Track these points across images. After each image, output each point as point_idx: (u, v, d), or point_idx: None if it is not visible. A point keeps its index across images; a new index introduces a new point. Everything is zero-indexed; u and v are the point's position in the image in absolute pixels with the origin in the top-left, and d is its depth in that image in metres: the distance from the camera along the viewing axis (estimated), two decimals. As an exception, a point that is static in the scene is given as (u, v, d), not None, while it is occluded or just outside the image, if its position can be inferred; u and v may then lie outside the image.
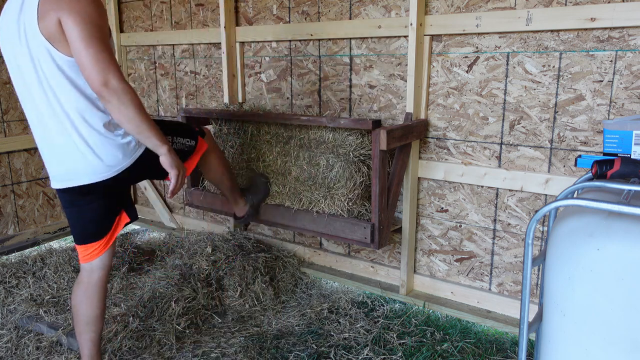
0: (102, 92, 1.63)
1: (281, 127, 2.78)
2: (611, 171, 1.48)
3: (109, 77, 1.62)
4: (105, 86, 1.61)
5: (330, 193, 2.59)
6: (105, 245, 1.99)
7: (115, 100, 1.64)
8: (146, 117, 1.72)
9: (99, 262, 1.99)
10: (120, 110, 1.66)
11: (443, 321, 2.59)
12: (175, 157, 1.82)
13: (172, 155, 1.80)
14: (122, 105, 1.65)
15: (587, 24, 2.12)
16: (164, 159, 1.79)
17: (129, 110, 1.67)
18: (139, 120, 1.69)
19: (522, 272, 1.44)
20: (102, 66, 1.61)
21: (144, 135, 1.73)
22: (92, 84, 1.63)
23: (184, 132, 2.17)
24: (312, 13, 2.94)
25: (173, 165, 1.81)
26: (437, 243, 2.76)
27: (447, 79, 2.56)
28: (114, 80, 1.62)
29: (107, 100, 1.64)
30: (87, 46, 1.60)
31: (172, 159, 1.80)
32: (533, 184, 2.37)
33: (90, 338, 2.03)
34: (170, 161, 1.80)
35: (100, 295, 2.02)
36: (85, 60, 1.60)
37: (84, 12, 1.61)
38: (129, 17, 3.90)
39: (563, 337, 1.35)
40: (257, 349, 2.38)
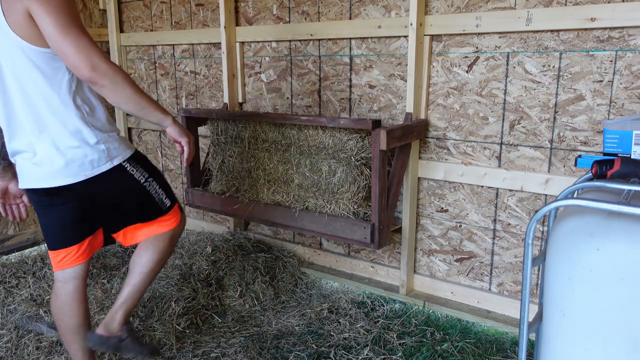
0: (93, 77, 1.57)
1: (279, 134, 2.78)
2: (611, 171, 1.48)
3: (95, 60, 1.56)
4: (94, 70, 1.56)
5: (335, 198, 2.60)
6: (79, 257, 1.88)
7: (108, 82, 1.59)
8: (143, 93, 1.69)
9: (72, 272, 1.89)
10: (116, 91, 1.62)
11: (443, 321, 2.59)
12: (181, 126, 1.82)
13: (177, 125, 1.80)
14: (117, 86, 1.61)
15: (587, 24, 2.12)
16: (171, 129, 1.79)
17: (125, 89, 1.63)
18: (138, 97, 1.66)
19: (522, 272, 1.44)
20: (85, 52, 1.55)
21: (146, 110, 1.71)
22: (79, 71, 1.57)
23: (165, 186, 1.99)
24: (312, 13, 2.94)
25: (182, 134, 1.81)
26: (437, 243, 2.76)
27: (447, 79, 2.56)
28: (101, 62, 1.57)
29: (100, 84, 1.59)
30: (65, 35, 1.54)
31: (179, 129, 1.80)
32: (533, 184, 2.37)
33: (80, 347, 1.97)
34: (178, 130, 1.80)
35: (79, 304, 1.93)
36: (67, 50, 1.55)
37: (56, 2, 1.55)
38: (129, 17, 3.90)
39: (563, 337, 1.35)
40: (257, 349, 2.38)
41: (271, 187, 2.86)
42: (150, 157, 3.97)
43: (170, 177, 3.94)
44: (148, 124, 3.92)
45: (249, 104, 3.36)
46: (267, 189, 2.87)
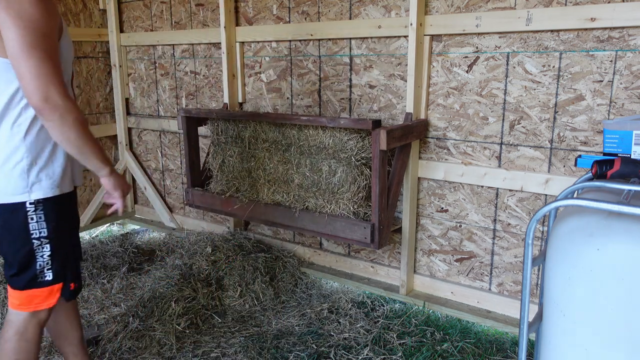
0: (42, 109, 1.44)
1: (279, 134, 2.78)
2: (611, 171, 1.49)
3: (51, 92, 1.43)
4: (46, 102, 1.43)
5: (335, 198, 2.60)
6: None
7: (57, 119, 1.46)
8: (89, 139, 1.54)
9: None
10: (62, 131, 1.48)
11: (443, 321, 2.59)
12: (117, 177, 1.68)
13: (114, 177, 1.66)
14: (65, 127, 1.47)
15: (587, 24, 2.12)
16: (105, 180, 1.66)
17: (71, 132, 1.49)
18: (81, 143, 1.52)
19: (522, 272, 1.44)
20: (43, 80, 1.42)
21: (85, 156, 1.57)
22: (30, 98, 1.44)
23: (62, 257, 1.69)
24: (312, 13, 2.94)
25: (116, 186, 1.68)
26: (437, 243, 2.76)
27: (447, 79, 2.56)
28: (57, 96, 1.43)
29: (48, 119, 1.46)
30: (28, 56, 1.40)
31: (114, 181, 1.67)
32: (533, 184, 2.37)
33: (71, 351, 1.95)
34: (112, 183, 1.66)
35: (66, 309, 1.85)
36: (24, 72, 1.41)
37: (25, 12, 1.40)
38: (129, 17, 3.90)
39: (563, 337, 1.35)
40: (257, 349, 2.38)
41: (271, 187, 2.86)
42: (150, 157, 3.97)
43: (171, 177, 3.94)
44: (148, 124, 3.92)
45: (249, 104, 3.36)
46: (267, 189, 2.87)
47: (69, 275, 1.74)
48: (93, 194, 4.00)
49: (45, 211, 1.62)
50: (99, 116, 4.03)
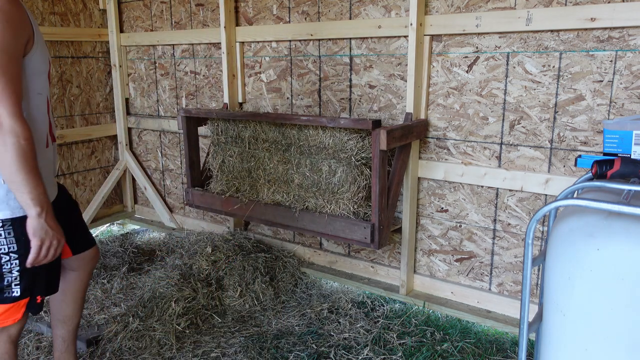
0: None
1: (279, 134, 2.78)
2: (611, 171, 1.48)
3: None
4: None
5: (335, 198, 2.60)
6: None
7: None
8: (26, 168, 1.42)
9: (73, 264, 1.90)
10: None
11: (443, 321, 2.59)
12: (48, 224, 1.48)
13: (41, 220, 1.47)
14: (2, 147, 1.39)
15: (587, 24, 2.12)
16: (30, 222, 1.47)
17: (7, 153, 1.39)
18: (14, 169, 1.41)
19: (522, 272, 1.44)
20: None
21: (15, 187, 1.44)
22: None
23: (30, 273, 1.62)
24: (312, 13, 2.94)
25: (37, 233, 1.48)
26: (437, 243, 2.76)
27: (447, 79, 2.56)
28: (5, 115, 1.37)
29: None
30: None
31: (39, 226, 1.47)
32: (533, 184, 2.37)
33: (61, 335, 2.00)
34: (35, 227, 1.47)
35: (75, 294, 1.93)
36: None
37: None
38: (129, 17, 3.90)
39: (563, 337, 1.35)
40: (257, 349, 2.38)
41: (271, 187, 2.86)
42: (150, 157, 3.97)
43: (171, 177, 3.94)
44: (148, 124, 3.92)
45: (249, 104, 3.36)
46: (267, 188, 2.87)
47: (37, 290, 1.67)
48: (93, 193, 4.00)
49: (14, 229, 1.55)
50: (99, 116, 4.03)
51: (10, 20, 1.40)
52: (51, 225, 1.50)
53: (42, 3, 3.55)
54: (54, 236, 1.51)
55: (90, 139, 3.96)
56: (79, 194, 3.93)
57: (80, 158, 3.92)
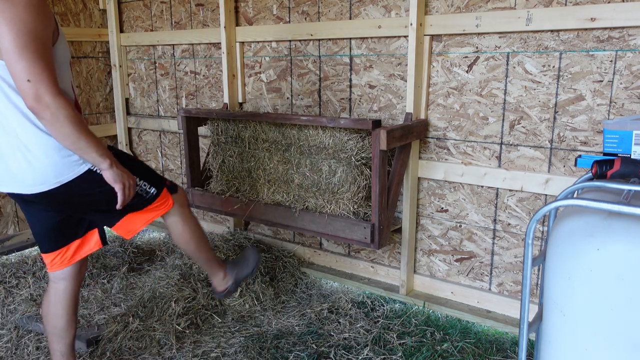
0: (35, 107, 1.51)
1: (279, 134, 2.78)
2: (611, 171, 1.49)
3: (42, 91, 1.49)
4: (37, 101, 1.49)
5: (335, 198, 2.60)
6: (67, 261, 1.92)
7: (49, 117, 1.52)
8: (84, 133, 1.59)
9: (62, 274, 1.94)
10: (55, 126, 1.54)
11: (443, 321, 2.59)
12: (119, 169, 1.71)
13: (114, 168, 1.69)
14: (57, 123, 1.53)
15: (587, 24, 2.12)
16: (107, 174, 1.69)
17: (64, 127, 1.54)
18: (75, 137, 1.57)
19: (522, 272, 1.44)
20: (35, 80, 1.48)
21: (82, 151, 1.62)
22: (24, 98, 1.51)
23: (146, 176, 1.94)
24: (312, 13, 2.94)
25: (117, 179, 1.70)
26: (437, 243, 2.76)
27: (447, 79, 2.56)
28: (47, 95, 1.50)
29: (40, 116, 1.53)
30: (19, 57, 1.47)
31: (115, 173, 1.69)
32: (533, 184, 2.37)
33: (59, 349, 2.01)
34: (113, 175, 1.69)
35: (66, 306, 1.96)
36: (17, 73, 1.49)
37: (17, 17, 1.47)
38: (129, 17, 3.90)
39: (563, 337, 1.35)
40: (257, 349, 2.38)
41: (271, 187, 2.86)
42: (150, 156, 3.97)
43: (171, 177, 3.94)
44: (148, 124, 3.92)
45: (249, 104, 3.36)
46: (268, 189, 2.87)
47: (160, 179, 1.99)
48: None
49: None
50: (99, 116, 4.03)
51: (41, 12, 1.53)
52: (122, 169, 1.73)
53: (42, 3, 3.54)
54: (128, 177, 1.75)
55: (90, 139, 3.96)
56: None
57: (80, 158, 3.92)
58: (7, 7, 1.47)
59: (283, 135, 2.76)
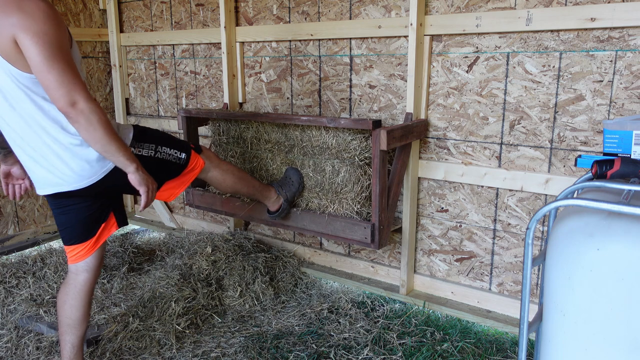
0: (69, 112, 1.60)
1: (282, 135, 2.78)
2: (611, 171, 1.49)
3: (76, 97, 1.59)
4: (72, 107, 1.59)
5: (338, 198, 2.60)
6: (91, 248, 2.00)
7: (83, 121, 1.62)
8: (114, 137, 1.70)
9: (85, 265, 2.00)
10: (88, 131, 1.64)
11: (443, 321, 2.59)
12: (144, 174, 1.81)
13: (139, 172, 1.79)
14: (91, 127, 1.63)
15: (587, 24, 2.12)
16: (132, 177, 1.78)
17: (97, 131, 1.65)
18: (106, 141, 1.68)
19: (522, 272, 1.44)
20: (68, 87, 1.58)
21: (111, 154, 1.72)
22: (58, 105, 1.60)
23: (173, 144, 2.11)
24: (312, 13, 2.94)
25: (142, 182, 1.80)
26: (437, 243, 2.76)
27: (447, 79, 2.56)
28: (82, 101, 1.60)
29: (75, 120, 1.62)
30: (50, 68, 1.56)
31: (140, 177, 1.79)
32: (533, 184, 2.38)
33: (70, 340, 2.03)
34: (138, 179, 1.79)
35: (84, 297, 2.02)
36: (49, 83, 1.57)
37: (40, 30, 1.55)
38: (129, 17, 3.90)
39: (563, 337, 1.35)
40: (257, 349, 2.38)
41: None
42: (150, 157, 3.97)
43: (170, 177, 3.94)
44: (148, 124, 3.92)
45: (249, 104, 3.36)
46: (269, 189, 2.87)
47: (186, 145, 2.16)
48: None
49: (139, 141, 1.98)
50: (99, 116, 4.03)
51: (58, 21, 1.62)
52: (146, 173, 1.83)
53: (42, 3, 3.54)
54: (151, 181, 1.85)
55: (91, 139, 3.96)
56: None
57: (81, 158, 3.92)
58: (29, 22, 1.55)
59: (286, 136, 2.76)
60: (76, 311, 2.01)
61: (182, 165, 2.13)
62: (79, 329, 2.03)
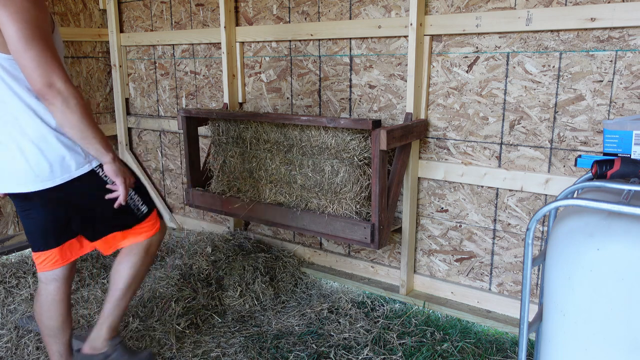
0: (46, 93, 1.53)
1: (281, 135, 2.78)
2: (611, 171, 1.49)
3: (54, 79, 1.53)
4: (49, 87, 1.52)
5: (337, 198, 2.60)
6: (58, 261, 1.90)
7: (60, 103, 1.55)
8: (91, 123, 1.63)
9: (52, 274, 1.91)
10: (64, 114, 1.57)
11: (443, 321, 2.59)
12: (120, 165, 1.74)
13: (116, 163, 1.72)
14: (68, 109, 1.56)
15: (587, 24, 2.12)
16: (108, 167, 1.72)
17: (74, 115, 1.58)
18: (83, 126, 1.60)
19: (522, 272, 1.44)
20: (45, 68, 1.51)
21: (87, 141, 1.65)
22: (34, 85, 1.53)
23: (141, 192, 1.95)
24: (312, 13, 2.94)
25: (118, 173, 1.73)
26: (437, 243, 2.76)
27: (447, 79, 2.56)
28: (59, 82, 1.53)
29: (51, 102, 1.55)
30: (28, 47, 1.49)
31: (116, 167, 1.72)
32: (533, 184, 2.38)
33: (57, 350, 1.99)
34: (114, 169, 1.72)
35: (59, 306, 1.94)
36: (26, 62, 1.51)
37: (20, 8, 1.49)
38: (129, 17, 3.90)
39: (563, 337, 1.35)
40: (257, 349, 2.38)
41: (273, 188, 2.85)
42: (150, 157, 3.97)
43: (171, 177, 3.94)
44: (148, 124, 3.92)
45: (249, 104, 3.36)
46: (270, 189, 2.87)
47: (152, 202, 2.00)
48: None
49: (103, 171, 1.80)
50: (99, 116, 4.03)
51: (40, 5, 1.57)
52: (122, 163, 1.77)
53: (42, 3, 3.54)
54: (127, 172, 1.79)
55: (90, 139, 3.96)
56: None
57: (80, 158, 3.92)
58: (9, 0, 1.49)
59: (285, 136, 2.76)
60: (54, 321, 1.94)
61: (138, 219, 1.93)
62: (62, 336, 1.97)
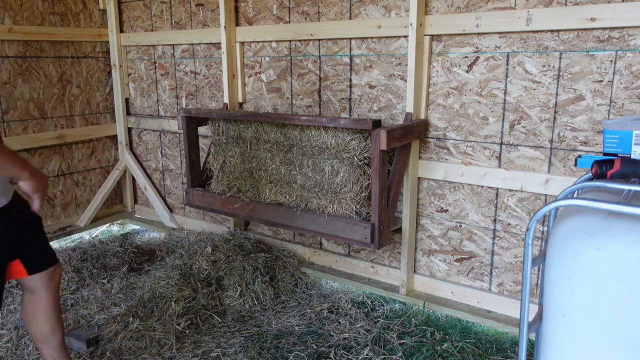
0: None
1: (281, 135, 2.78)
2: (611, 171, 1.49)
3: None
4: None
5: (337, 198, 2.60)
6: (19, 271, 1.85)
7: None
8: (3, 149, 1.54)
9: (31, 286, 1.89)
10: None
11: (443, 321, 2.59)
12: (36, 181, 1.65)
13: (33, 180, 1.64)
14: None
15: (587, 24, 2.12)
16: (23, 184, 1.63)
17: None
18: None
19: (522, 272, 1.44)
20: None
21: (2, 168, 1.57)
22: None
23: None
24: (312, 13, 2.94)
25: (37, 189, 1.65)
26: (437, 243, 2.76)
27: (447, 79, 2.56)
28: None
29: None
30: None
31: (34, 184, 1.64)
32: (533, 184, 2.37)
33: (51, 354, 1.99)
34: (33, 186, 1.64)
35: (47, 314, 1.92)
36: None
37: None
38: (129, 17, 3.90)
39: (563, 337, 1.35)
40: (257, 349, 2.38)
41: (273, 188, 2.85)
42: (150, 156, 3.97)
43: (171, 177, 3.94)
44: (148, 124, 3.92)
45: (249, 104, 3.36)
46: (270, 189, 2.87)
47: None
48: (93, 194, 4.00)
49: None
50: (99, 116, 4.03)
51: None
52: (39, 173, 1.67)
53: (42, 3, 3.55)
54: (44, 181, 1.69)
55: (90, 139, 3.96)
56: (79, 194, 3.93)
57: (80, 158, 3.92)
58: None
59: (285, 136, 2.76)
60: (43, 327, 1.94)
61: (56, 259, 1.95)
62: (53, 340, 1.97)
